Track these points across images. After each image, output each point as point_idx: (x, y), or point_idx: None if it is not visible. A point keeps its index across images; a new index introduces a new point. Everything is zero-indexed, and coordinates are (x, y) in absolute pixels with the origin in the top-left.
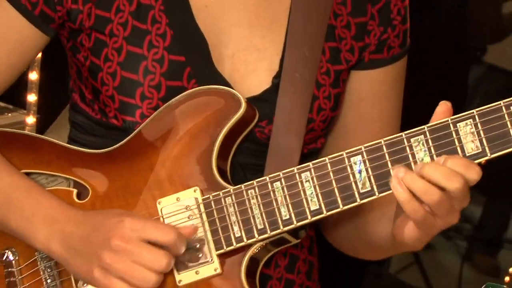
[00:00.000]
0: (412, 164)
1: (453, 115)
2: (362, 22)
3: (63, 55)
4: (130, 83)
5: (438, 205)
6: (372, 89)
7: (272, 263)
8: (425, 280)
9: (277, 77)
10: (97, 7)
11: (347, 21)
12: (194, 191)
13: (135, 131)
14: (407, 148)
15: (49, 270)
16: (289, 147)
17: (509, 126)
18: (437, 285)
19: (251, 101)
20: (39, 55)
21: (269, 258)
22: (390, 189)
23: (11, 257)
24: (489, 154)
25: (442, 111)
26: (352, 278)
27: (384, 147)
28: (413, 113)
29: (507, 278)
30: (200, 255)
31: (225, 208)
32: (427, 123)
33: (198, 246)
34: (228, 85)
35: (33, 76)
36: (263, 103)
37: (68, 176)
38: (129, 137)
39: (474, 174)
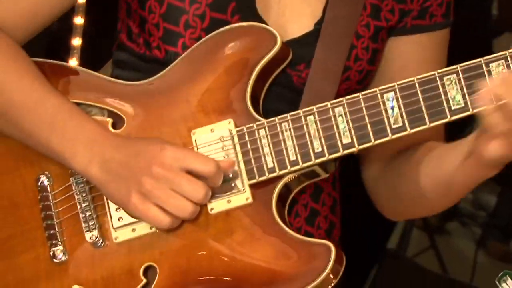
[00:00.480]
0: (444, 102)
1: None
2: None
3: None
4: (176, 10)
5: None
6: (416, 53)
7: (293, 212)
8: (440, 264)
9: (319, 23)
10: None
11: None
12: (229, 123)
13: (173, 63)
14: (440, 86)
15: (83, 194)
16: (324, 91)
17: None
18: (452, 270)
19: (292, 43)
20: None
21: (291, 207)
22: (421, 125)
23: (45, 182)
24: None
25: None
26: (372, 257)
27: (417, 85)
28: None
29: None
30: (233, 185)
31: (258, 139)
32: None
33: (231, 176)
34: (267, 24)
35: (78, 20)
36: (303, 46)
37: (103, 106)
38: (166, 69)
39: None
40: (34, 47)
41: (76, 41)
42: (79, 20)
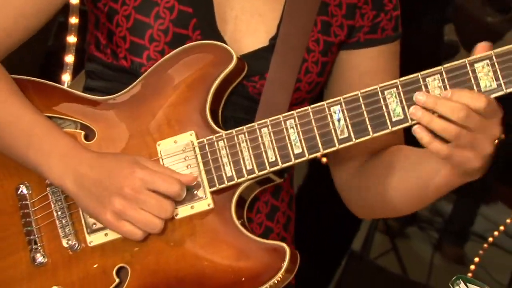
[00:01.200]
0: (386, 114)
1: None
2: (353, 3)
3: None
4: (142, 24)
5: (457, 138)
6: (370, 64)
7: (255, 209)
8: (400, 265)
9: (273, 39)
10: None
11: (340, 1)
12: (190, 134)
13: (138, 79)
14: (381, 100)
15: (59, 203)
16: (278, 102)
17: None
18: (410, 271)
19: (247, 56)
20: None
21: (252, 204)
22: (365, 135)
23: (25, 191)
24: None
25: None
26: (337, 258)
27: (360, 98)
28: None
29: (472, 267)
30: (195, 192)
31: (217, 150)
32: None
33: (194, 184)
34: (224, 41)
35: (71, 39)
36: (258, 59)
37: (76, 119)
38: (133, 84)
39: (480, 102)
40: (29, 64)
41: (69, 58)
42: (72, 39)
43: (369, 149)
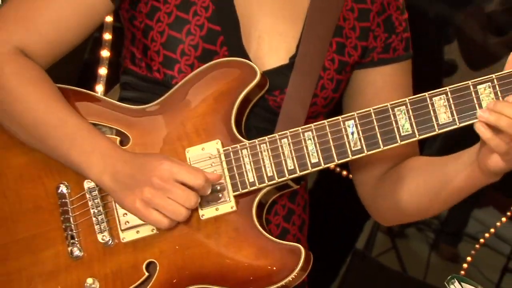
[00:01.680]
0: (395, 129)
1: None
2: (366, 26)
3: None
4: (174, 40)
5: None
6: (385, 81)
7: (273, 211)
8: (400, 263)
9: (293, 57)
10: None
11: (353, 24)
12: (217, 143)
13: (170, 90)
14: (391, 116)
15: (96, 201)
16: (296, 115)
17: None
18: (409, 268)
19: (269, 73)
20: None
21: (271, 207)
22: (376, 148)
23: (64, 190)
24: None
25: None
26: (341, 256)
27: (373, 114)
28: None
29: (465, 265)
30: (220, 195)
31: (241, 158)
32: None
33: (219, 188)
34: (249, 58)
35: (105, 53)
36: (279, 75)
37: (112, 126)
38: (165, 95)
39: None
40: (67, 75)
41: (103, 70)
42: (105, 53)
43: (388, 160)
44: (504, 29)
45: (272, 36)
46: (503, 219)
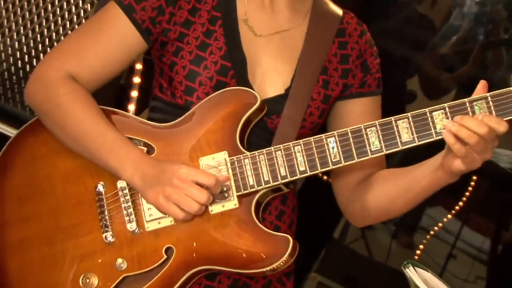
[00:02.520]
0: (367, 145)
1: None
2: (347, 68)
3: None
4: (194, 73)
5: (476, 145)
6: (360, 109)
7: (267, 211)
8: (367, 249)
9: (288, 89)
10: (181, 27)
11: (336, 66)
12: (224, 153)
13: (187, 112)
14: (364, 135)
15: (126, 198)
16: (288, 134)
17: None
18: (374, 253)
19: (268, 100)
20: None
21: (266, 207)
22: (351, 160)
23: (101, 189)
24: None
25: (482, 87)
26: (320, 244)
27: (349, 133)
28: None
29: (418, 252)
30: (226, 195)
31: (243, 166)
32: None
33: (225, 189)
34: (253, 89)
35: (136, 79)
36: (276, 103)
37: (141, 139)
38: (183, 116)
39: (502, 127)
40: (107, 95)
41: (134, 93)
42: (137, 80)
43: (361, 171)
44: (453, 67)
45: (272, 72)
46: (449, 216)
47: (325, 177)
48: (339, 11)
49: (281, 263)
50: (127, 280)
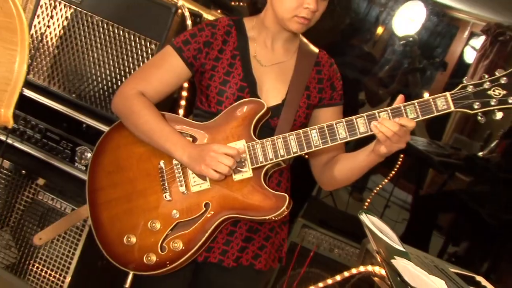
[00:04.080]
0: (337, 134)
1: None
2: (321, 87)
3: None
4: (222, 91)
5: (393, 137)
6: (330, 114)
7: (270, 180)
8: (333, 202)
9: (283, 100)
10: (213, 61)
11: (315, 85)
12: (243, 141)
13: (218, 115)
14: (335, 127)
15: (178, 170)
16: (285, 129)
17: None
18: (338, 205)
19: (271, 107)
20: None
21: (270, 178)
22: (326, 144)
23: (162, 165)
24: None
25: (399, 99)
26: (303, 199)
27: (325, 126)
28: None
29: (366, 204)
30: (244, 168)
31: (256, 148)
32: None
33: (243, 163)
34: (261, 98)
35: (184, 93)
36: (276, 109)
37: (187, 132)
38: (216, 117)
39: (410, 124)
40: (165, 105)
41: (183, 103)
42: (184, 94)
43: (330, 152)
44: (387, 85)
45: (273, 89)
46: (385, 180)
47: (306, 157)
48: (316, 49)
49: (281, 213)
50: (179, 224)
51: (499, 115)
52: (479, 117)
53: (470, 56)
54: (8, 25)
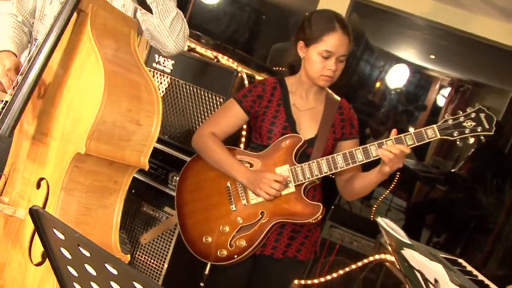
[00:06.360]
0: (356, 158)
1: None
2: (343, 125)
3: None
4: (271, 130)
5: (394, 159)
6: (349, 144)
7: (307, 193)
8: (350, 207)
9: (316, 135)
10: (264, 109)
11: (339, 124)
12: (287, 166)
13: (268, 147)
14: (354, 154)
15: (241, 189)
16: (317, 156)
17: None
18: (354, 209)
19: (307, 140)
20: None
21: (307, 191)
22: (348, 165)
23: (229, 185)
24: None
25: (394, 132)
26: (329, 206)
27: (347, 153)
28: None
29: (374, 209)
30: (289, 185)
31: (297, 170)
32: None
33: (288, 182)
34: (300, 134)
35: (244, 132)
36: (311, 142)
37: (245, 160)
38: (266, 149)
39: (407, 150)
40: (230, 141)
41: (243, 139)
42: (244, 133)
43: (350, 172)
44: (385, 122)
45: (308, 128)
46: (387, 191)
47: (332, 176)
48: (338, 98)
49: (316, 218)
50: (242, 228)
51: (471, 140)
52: (458, 142)
53: (441, 101)
54: (150, 101)
